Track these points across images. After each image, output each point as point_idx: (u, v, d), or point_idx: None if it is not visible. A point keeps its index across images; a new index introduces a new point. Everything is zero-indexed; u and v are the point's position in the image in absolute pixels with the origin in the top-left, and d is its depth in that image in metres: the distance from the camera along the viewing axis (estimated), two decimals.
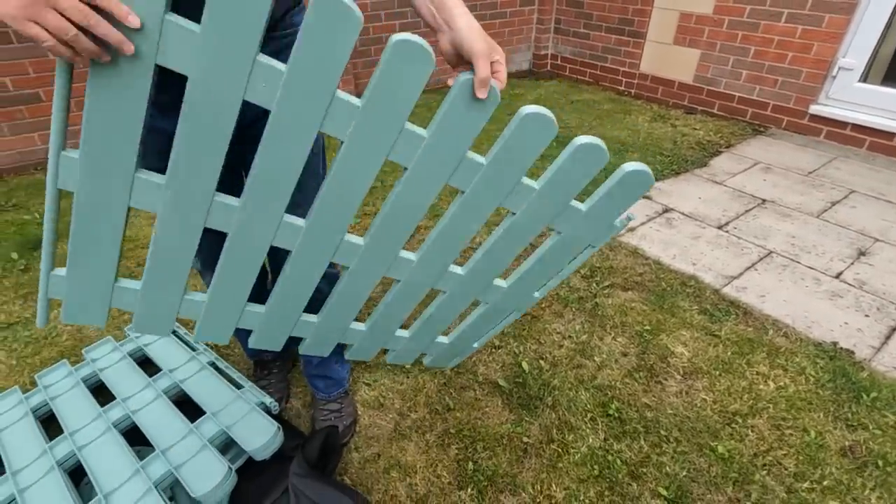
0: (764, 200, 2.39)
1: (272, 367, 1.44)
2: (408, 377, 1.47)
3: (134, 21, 0.50)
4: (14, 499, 1.06)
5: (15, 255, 2.00)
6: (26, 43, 2.55)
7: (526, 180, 0.77)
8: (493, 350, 1.56)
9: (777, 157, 2.81)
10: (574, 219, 0.83)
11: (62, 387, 1.35)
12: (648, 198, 2.43)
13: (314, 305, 0.92)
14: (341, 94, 0.62)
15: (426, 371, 1.48)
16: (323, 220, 0.76)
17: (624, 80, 4.03)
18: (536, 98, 3.86)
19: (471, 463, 1.24)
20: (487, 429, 1.32)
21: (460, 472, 1.22)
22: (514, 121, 0.68)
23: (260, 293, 0.92)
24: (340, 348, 1.28)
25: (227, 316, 0.90)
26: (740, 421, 1.33)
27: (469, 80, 0.63)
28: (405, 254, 0.87)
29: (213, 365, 1.39)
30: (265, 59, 0.58)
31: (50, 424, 1.26)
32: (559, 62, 4.53)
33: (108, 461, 1.12)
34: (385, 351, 1.14)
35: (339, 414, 1.32)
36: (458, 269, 0.93)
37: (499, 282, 0.97)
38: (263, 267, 1.05)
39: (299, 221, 0.75)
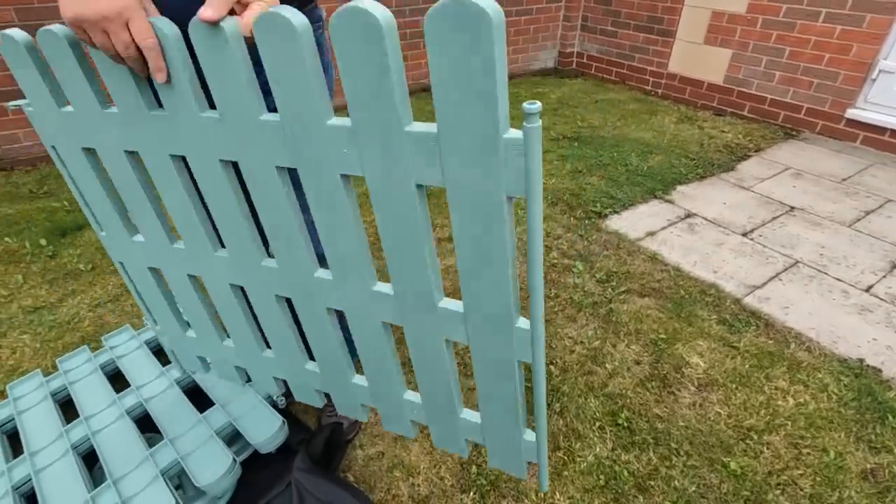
0: (793, 208, 2.30)
1: None
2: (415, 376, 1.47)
3: (161, 78, 0.59)
4: (30, 479, 1.10)
5: (44, 242, 2.07)
6: None
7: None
8: None
9: (809, 163, 2.71)
10: (430, 145, 0.51)
11: (81, 372, 1.39)
12: (670, 202, 2.37)
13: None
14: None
15: None
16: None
17: (651, 79, 3.94)
18: (560, 97, 3.80)
19: (474, 466, 1.23)
20: None
21: (463, 476, 1.21)
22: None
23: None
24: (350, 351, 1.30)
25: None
26: (755, 437, 1.29)
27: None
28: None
29: None
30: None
31: (68, 408, 1.30)
32: (585, 60, 4.45)
33: (120, 447, 1.15)
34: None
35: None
36: (383, 288, 0.70)
37: (447, 303, 0.67)
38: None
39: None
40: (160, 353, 1.47)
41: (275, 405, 1.25)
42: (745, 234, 2.12)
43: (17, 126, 2.71)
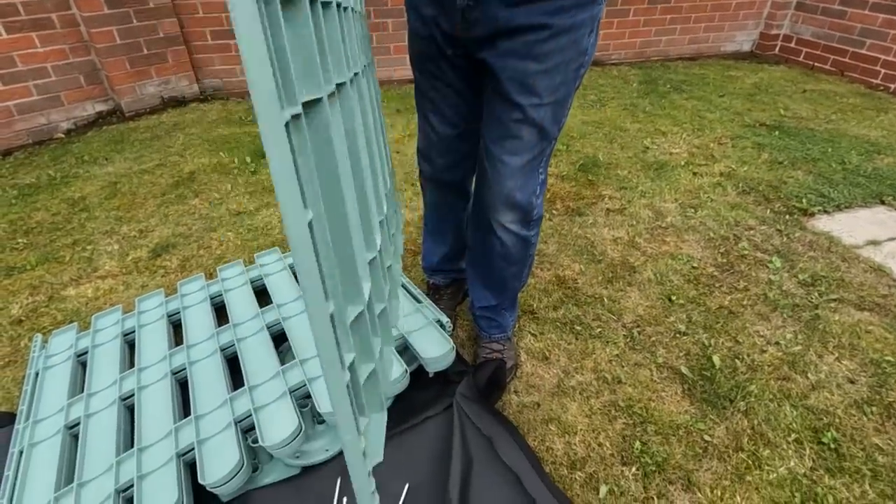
0: None
1: (444, 294, 1.47)
2: (577, 339, 1.39)
3: None
4: (233, 344, 1.25)
5: (248, 160, 2.37)
6: None
7: None
8: (678, 335, 1.39)
9: None
10: None
11: (274, 268, 1.55)
12: None
13: None
14: None
15: (597, 336, 1.39)
16: None
17: (883, 70, 3.25)
18: (756, 82, 3.31)
19: (638, 443, 1.12)
20: (662, 414, 1.18)
21: (625, 448, 1.11)
22: None
23: None
24: (513, 297, 1.26)
25: None
26: None
27: None
28: None
29: None
30: None
31: (259, 296, 1.46)
32: (792, 45, 3.83)
33: (302, 336, 1.25)
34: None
35: (501, 355, 1.30)
36: None
37: None
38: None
39: None
40: None
41: (443, 328, 1.26)
42: None
43: (235, 62, 3.12)
